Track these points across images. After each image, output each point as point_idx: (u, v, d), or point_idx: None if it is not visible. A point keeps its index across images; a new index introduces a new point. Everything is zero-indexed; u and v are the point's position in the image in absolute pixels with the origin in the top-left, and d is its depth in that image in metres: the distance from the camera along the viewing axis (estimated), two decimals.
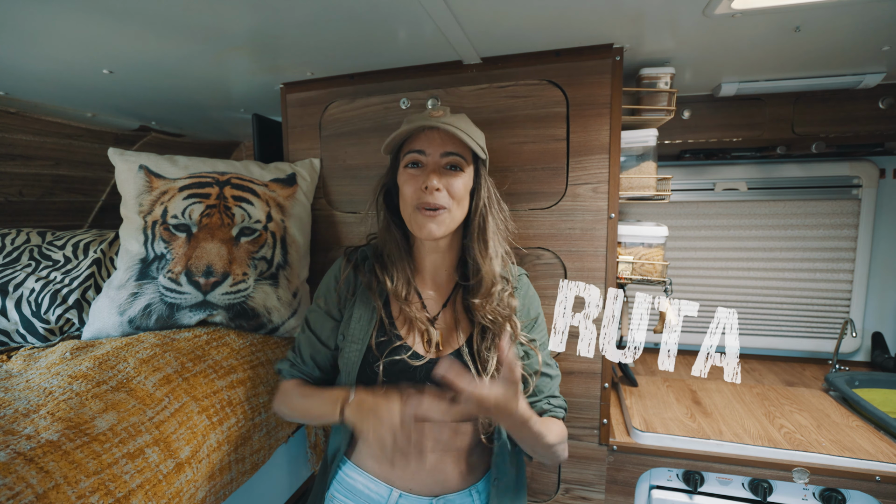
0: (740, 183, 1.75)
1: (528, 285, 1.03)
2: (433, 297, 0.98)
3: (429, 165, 0.89)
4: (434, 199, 0.86)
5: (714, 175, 1.76)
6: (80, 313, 1.26)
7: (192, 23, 0.97)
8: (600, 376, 1.21)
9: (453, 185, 0.88)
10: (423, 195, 0.86)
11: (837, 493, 1.08)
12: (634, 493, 1.23)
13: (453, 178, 0.89)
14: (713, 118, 1.58)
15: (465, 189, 0.90)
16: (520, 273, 1.03)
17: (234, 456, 1.02)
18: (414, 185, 0.89)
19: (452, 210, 0.89)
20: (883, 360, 1.65)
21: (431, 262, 0.97)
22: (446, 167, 0.89)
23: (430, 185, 0.86)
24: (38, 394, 0.85)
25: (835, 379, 1.45)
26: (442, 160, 0.89)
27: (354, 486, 0.93)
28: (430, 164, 0.89)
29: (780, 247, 1.75)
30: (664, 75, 1.25)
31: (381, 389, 0.84)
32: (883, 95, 1.44)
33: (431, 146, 0.89)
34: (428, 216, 0.87)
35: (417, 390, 0.84)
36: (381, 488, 0.91)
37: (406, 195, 0.90)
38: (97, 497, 0.71)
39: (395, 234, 0.96)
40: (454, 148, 0.89)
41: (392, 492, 0.90)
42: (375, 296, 0.94)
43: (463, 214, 0.92)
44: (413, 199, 0.88)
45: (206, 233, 1.18)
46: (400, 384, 0.88)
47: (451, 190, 0.88)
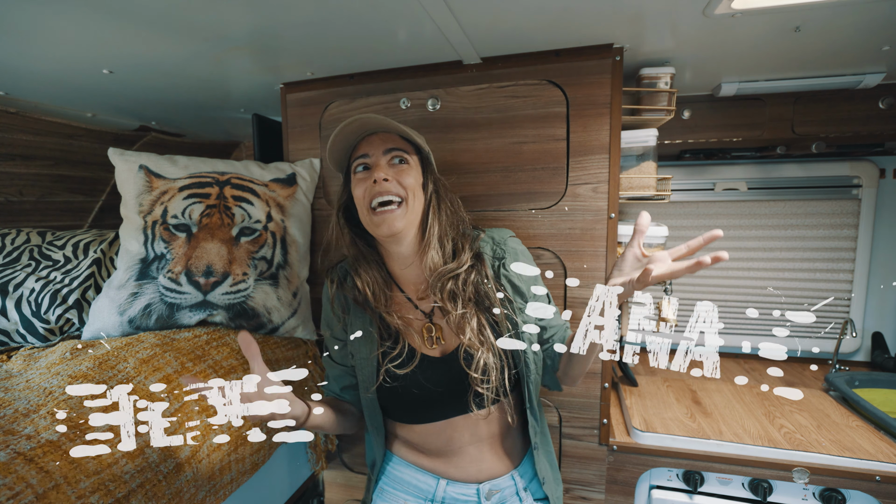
0: (740, 183, 1.75)
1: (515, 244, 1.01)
2: (422, 297, 0.98)
3: (374, 164, 0.92)
4: (385, 189, 0.88)
5: (714, 175, 1.76)
6: (80, 313, 1.26)
7: (192, 23, 0.97)
8: (600, 376, 1.21)
9: (402, 176, 0.90)
10: (373, 189, 0.88)
11: (837, 493, 1.08)
12: (634, 493, 1.23)
13: (401, 170, 0.91)
14: (713, 118, 1.58)
15: (415, 181, 0.92)
16: (505, 237, 1.01)
17: (234, 456, 1.02)
18: (364, 184, 0.91)
19: (409, 201, 0.90)
20: (883, 360, 1.65)
21: (401, 257, 0.97)
22: (393, 161, 0.92)
23: (378, 176, 0.88)
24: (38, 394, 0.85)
25: (835, 379, 1.45)
26: (386, 156, 0.92)
27: (402, 478, 0.99)
28: (375, 162, 0.92)
29: (780, 247, 1.75)
30: (664, 75, 1.25)
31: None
32: (883, 95, 1.44)
33: (373, 147, 0.92)
34: (383, 214, 0.88)
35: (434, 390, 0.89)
36: (428, 478, 0.96)
37: (359, 197, 0.91)
38: (97, 497, 0.71)
39: (360, 246, 0.98)
40: (395, 144, 0.93)
41: (440, 481, 0.95)
42: (369, 309, 0.95)
43: (421, 206, 0.93)
44: (366, 198, 0.90)
45: (206, 233, 1.18)
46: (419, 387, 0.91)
47: (400, 180, 0.90)
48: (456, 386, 0.90)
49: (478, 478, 0.94)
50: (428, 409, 0.93)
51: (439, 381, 0.91)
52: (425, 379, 0.90)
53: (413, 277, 0.98)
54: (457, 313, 0.89)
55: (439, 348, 0.93)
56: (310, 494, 1.51)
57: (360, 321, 0.97)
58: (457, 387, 0.90)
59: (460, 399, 0.90)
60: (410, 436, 0.97)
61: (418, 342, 0.93)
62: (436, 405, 0.92)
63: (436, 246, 0.93)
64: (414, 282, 0.99)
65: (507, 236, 1.02)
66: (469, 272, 0.93)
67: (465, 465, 0.94)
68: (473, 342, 0.88)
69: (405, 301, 0.98)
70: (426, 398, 0.91)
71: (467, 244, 0.96)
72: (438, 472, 0.96)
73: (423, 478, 0.96)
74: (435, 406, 0.92)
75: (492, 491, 0.94)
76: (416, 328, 0.95)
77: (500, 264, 0.97)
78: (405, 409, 0.95)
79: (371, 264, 0.97)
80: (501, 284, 0.95)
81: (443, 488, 0.94)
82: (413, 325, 0.94)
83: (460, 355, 0.90)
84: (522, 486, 0.97)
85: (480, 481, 0.94)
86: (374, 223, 0.90)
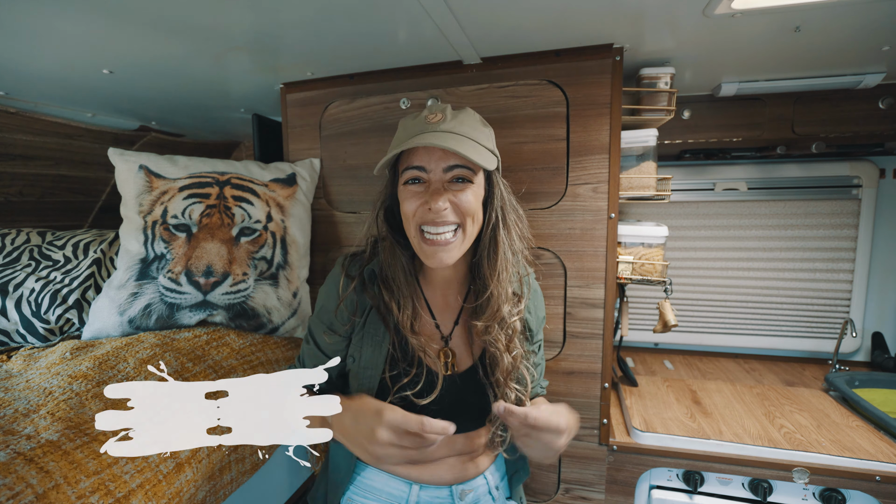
0: (740, 183, 1.75)
1: (536, 286, 0.99)
2: (445, 313, 0.93)
3: (432, 183, 0.80)
4: (441, 219, 0.78)
5: (714, 175, 1.76)
6: (80, 313, 1.26)
7: (192, 23, 0.97)
8: (600, 376, 1.21)
9: (462, 201, 0.79)
10: (427, 215, 0.78)
11: (837, 493, 1.08)
12: (634, 493, 1.23)
13: (461, 192, 0.79)
14: (713, 118, 1.58)
15: (476, 201, 0.81)
16: (527, 273, 0.96)
17: (234, 456, 1.02)
18: (415, 202, 0.80)
19: (466, 227, 0.80)
20: (883, 360, 1.65)
21: (442, 278, 0.91)
22: (452, 181, 0.80)
23: (435, 207, 0.77)
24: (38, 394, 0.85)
25: (835, 379, 1.45)
26: (446, 175, 0.79)
27: (373, 486, 0.93)
28: (432, 181, 0.80)
29: (780, 247, 1.75)
30: (664, 75, 1.25)
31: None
32: (883, 95, 1.44)
33: (432, 161, 0.79)
34: (436, 245, 0.79)
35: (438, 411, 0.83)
36: (401, 485, 0.91)
37: (407, 213, 0.81)
38: (97, 497, 0.71)
39: (401, 258, 0.87)
40: (458, 160, 0.78)
41: (412, 486, 0.91)
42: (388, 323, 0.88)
43: (477, 229, 0.83)
44: (416, 219, 0.80)
45: (206, 233, 1.18)
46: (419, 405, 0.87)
47: (460, 206, 0.79)
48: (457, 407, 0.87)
49: (451, 480, 0.91)
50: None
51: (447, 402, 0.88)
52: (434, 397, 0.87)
53: (443, 284, 0.92)
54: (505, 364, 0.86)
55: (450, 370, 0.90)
56: None
57: (373, 330, 0.89)
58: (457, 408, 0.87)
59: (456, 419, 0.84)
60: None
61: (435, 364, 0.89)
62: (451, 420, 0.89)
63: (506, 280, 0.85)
64: (443, 289, 0.93)
65: (531, 272, 0.98)
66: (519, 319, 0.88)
67: (441, 471, 0.91)
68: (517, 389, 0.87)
69: (429, 322, 0.92)
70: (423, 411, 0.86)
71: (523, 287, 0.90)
72: (411, 478, 0.91)
73: (396, 484, 0.91)
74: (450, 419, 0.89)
75: (465, 491, 0.92)
76: (433, 348, 0.90)
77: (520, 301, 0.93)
78: None
79: (409, 279, 0.88)
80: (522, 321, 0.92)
81: (416, 493, 0.90)
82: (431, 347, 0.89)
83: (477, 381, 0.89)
84: (494, 484, 0.96)
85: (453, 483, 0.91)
86: (423, 252, 0.81)
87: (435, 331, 0.92)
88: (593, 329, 1.20)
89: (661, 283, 1.29)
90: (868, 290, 1.71)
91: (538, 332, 0.98)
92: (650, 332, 1.89)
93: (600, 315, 1.19)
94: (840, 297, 1.73)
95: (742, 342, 1.82)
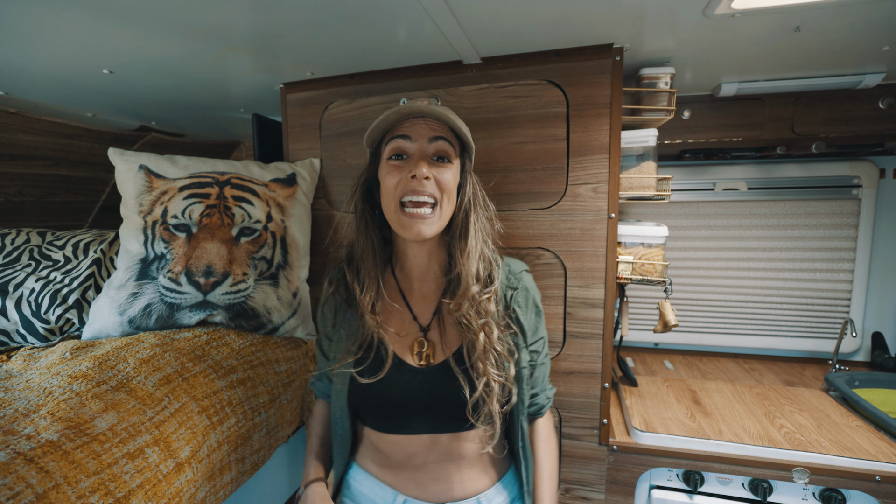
0: (740, 183, 1.75)
1: (529, 282, 0.95)
2: (422, 304, 0.91)
3: (415, 154, 0.82)
4: (423, 188, 0.79)
5: (714, 175, 1.76)
6: (80, 313, 1.26)
7: (192, 23, 0.97)
8: (600, 376, 1.21)
9: (442, 176, 0.81)
10: (409, 184, 0.79)
11: (837, 493, 1.08)
12: (634, 493, 1.23)
13: (442, 168, 0.82)
14: (713, 118, 1.58)
15: (454, 182, 0.84)
16: (520, 270, 0.95)
17: (234, 456, 1.02)
18: (398, 175, 0.81)
19: (443, 205, 0.82)
20: (883, 360, 1.65)
21: (417, 266, 0.90)
22: (434, 158, 0.83)
23: (419, 173, 0.78)
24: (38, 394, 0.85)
25: (835, 379, 1.45)
26: (430, 146, 0.82)
27: (361, 490, 0.91)
28: (416, 151, 0.82)
29: (780, 247, 1.75)
30: (664, 75, 1.25)
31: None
32: (883, 95, 1.44)
33: (417, 132, 0.82)
34: (415, 217, 0.80)
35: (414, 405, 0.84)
36: (385, 493, 0.88)
37: (388, 187, 0.82)
38: (97, 497, 0.71)
39: (373, 237, 0.89)
40: (442, 132, 0.83)
41: (397, 496, 0.87)
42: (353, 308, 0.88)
43: (451, 210, 0.86)
44: (397, 192, 0.81)
45: (206, 233, 1.18)
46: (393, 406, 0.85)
47: (440, 181, 0.81)
48: (438, 403, 0.83)
49: (438, 497, 0.86)
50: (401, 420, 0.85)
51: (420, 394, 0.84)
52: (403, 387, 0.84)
53: (419, 273, 0.91)
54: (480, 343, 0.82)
55: (425, 363, 0.87)
56: None
57: (344, 328, 0.91)
58: (439, 404, 0.83)
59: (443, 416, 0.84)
60: (379, 444, 0.89)
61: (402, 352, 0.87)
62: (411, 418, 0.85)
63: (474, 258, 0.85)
64: (419, 278, 0.92)
65: (522, 269, 0.96)
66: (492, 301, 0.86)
67: (426, 482, 0.86)
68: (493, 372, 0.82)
69: (403, 310, 0.91)
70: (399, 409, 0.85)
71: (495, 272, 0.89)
72: (397, 487, 0.88)
73: (381, 492, 0.88)
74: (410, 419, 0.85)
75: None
76: (407, 340, 0.88)
77: (511, 294, 0.91)
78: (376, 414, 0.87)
79: (377, 260, 0.89)
80: (509, 316, 0.89)
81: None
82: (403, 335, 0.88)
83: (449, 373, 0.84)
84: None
85: (441, 502, 0.86)
86: (401, 224, 0.81)
87: (412, 322, 0.89)
88: (593, 329, 1.20)
89: (661, 283, 1.29)
90: (868, 290, 1.71)
91: (533, 332, 0.92)
92: (650, 332, 1.89)
93: (600, 315, 1.19)
94: (840, 297, 1.73)
95: (742, 342, 1.82)
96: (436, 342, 0.88)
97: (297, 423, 1.29)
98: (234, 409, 1.03)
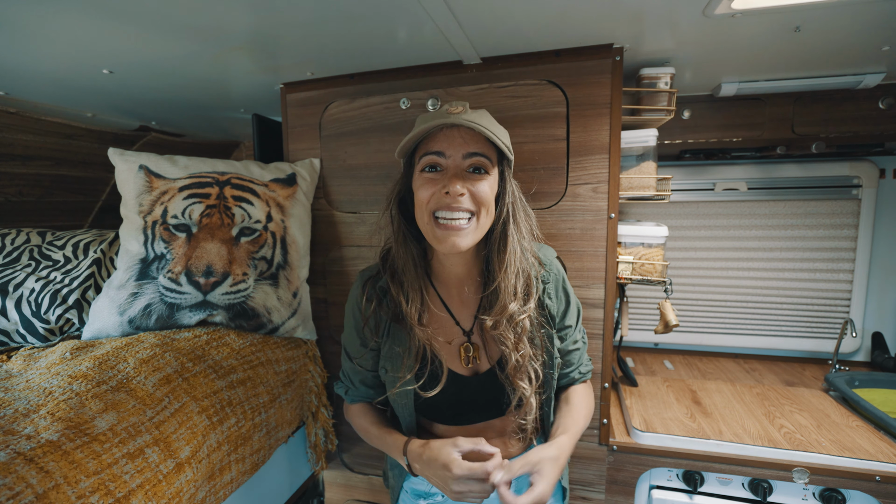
0: (740, 183, 1.75)
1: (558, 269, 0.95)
2: (462, 310, 0.93)
3: (449, 169, 0.80)
4: (457, 204, 0.78)
5: (714, 175, 1.76)
6: (80, 313, 1.26)
7: (192, 23, 0.97)
8: (600, 376, 1.21)
9: (479, 189, 0.79)
10: (443, 199, 0.78)
11: (837, 493, 1.08)
12: (634, 493, 1.23)
13: (478, 181, 0.80)
14: (713, 118, 1.58)
15: (491, 193, 0.82)
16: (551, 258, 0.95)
17: (234, 456, 1.02)
18: (431, 188, 0.79)
19: (480, 217, 0.81)
20: (883, 360, 1.65)
21: (455, 274, 0.91)
22: (469, 170, 0.80)
23: (453, 191, 0.77)
24: (38, 394, 0.85)
25: (835, 379, 1.45)
26: (464, 162, 0.80)
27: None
28: (450, 167, 0.80)
29: (780, 247, 1.75)
30: (664, 75, 1.25)
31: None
32: (883, 95, 1.44)
33: (452, 147, 0.79)
34: (449, 229, 0.79)
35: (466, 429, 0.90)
36: None
37: (422, 200, 0.81)
38: (97, 497, 0.71)
39: (412, 249, 0.88)
40: (478, 147, 0.80)
41: None
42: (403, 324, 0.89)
43: (489, 220, 0.84)
44: (430, 205, 0.80)
45: (206, 233, 1.18)
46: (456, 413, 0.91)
47: (476, 194, 0.79)
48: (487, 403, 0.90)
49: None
50: (454, 416, 0.92)
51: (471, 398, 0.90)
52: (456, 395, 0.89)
53: (457, 281, 0.92)
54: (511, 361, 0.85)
55: (473, 367, 0.90)
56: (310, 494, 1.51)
57: (396, 340, 0.91)
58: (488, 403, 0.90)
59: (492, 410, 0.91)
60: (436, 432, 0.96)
61: (451, 360, 0.90)
62: (466, 415, 0.92)
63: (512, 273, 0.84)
64: (458, 286, 0.92)
65: (552, 256, 0.96)
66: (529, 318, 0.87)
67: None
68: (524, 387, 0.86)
69: (446, 317, 0.92)
70: (455, 410, 0.91)
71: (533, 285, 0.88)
72: None
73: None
74: (465, 415, 0.92)
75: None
76: (454, 346, 0.90)
77: (544, 288, 0.91)
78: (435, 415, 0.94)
79: (418, 272, 0.88)
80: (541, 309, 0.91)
81: None
82: (450, 342, 0.90)
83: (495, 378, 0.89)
84: None
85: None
86: (435, 237, 0.80)
87: (455, 327, 0.92)
88: (593, 329, 1.20)
89: (661, 284, 1.29)
90: (868, 290, 1.71)
91: (562, 318, 0.93)
92: (650, 332, 1.89)
93: (600, 315, 1.19)
94: (840, 297, 1.73)
95: (742, 342, 1.82)
96: (479, 345, 0.91)
97: (297, 423, 1.29)
98: (234, 409, 1.03)
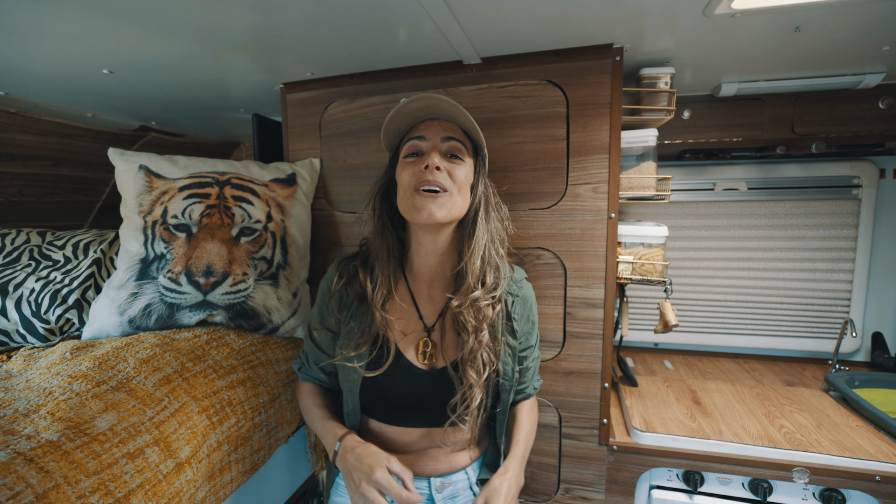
0: (740, 183, 1.75)
1: (528, 292, 1.01)
2: (429, 306, 0.96)
3: (429, 150, 0.88)
4: (434, 178, 0.84)
5: (714, 175, 1.76)
6: (80, 313, 1.26)
7: (192, 23, 0.97)
8: (600, 376, 1.21)
9: (455, 170, 0.87)
10: (423, 174, 0.84)
11: (837, 493, 1.08)
12: (634, 493, 1.23)
13: (455, 165, 0.88)
14: (713, 118, 1.58)
15: (466, 178, 0.89)
16: (522, 278, 1.01)
17: (234, 456, 1.02)
18: (413, 169, 0.87)
19: (454, 195, 0.86)
20: (883, 360, 1.65)
21: (429, 266, 0.95)
22: (447, 155, 0.89)
23: (431, 163, 0.84)
24: (38, 394, 0.85)
25: (835, 379, 1.45)
26: (443, 145, 0.89)
27: None
28: (430, 148, 0.88)
29: (780, 247, 1.75)
30: (664, 75, 1.25)
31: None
32: (883, 95, 1.44)
33: (431, 132, 0.89)
34: (427, 196, 0.84)
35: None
36: None
37: (404, 180, 0.87)
38: (97, 497, 0.71)
39: (389, 238, 0.94)
40: (455, 134, 0.90)
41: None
42: (364, 305, 0.92)
43: (465, 204, 0.90)
44: (412, 182, 0.86)
45: (206, 233, 1.18)
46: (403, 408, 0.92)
47: (452, 173, 0.86)
48: (436, 403, 0.90)
49: (431, 473, 0.94)
50: (403, 414, 0.92)
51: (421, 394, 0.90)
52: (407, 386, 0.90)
53: (429, 276, 0.96)
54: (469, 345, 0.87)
55: (429, 363, 0.92)
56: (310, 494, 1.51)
57: (355, 322, 0.94)
58: (436, 404, 0.89)
59: (438, 413, 0.90)
60: (381, 434, 0.96)
61: (407, 351, 0.92)
62: (412, 413, 0.92)
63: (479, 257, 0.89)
64: (429, 281, 0.96)
65: (523, 277, 1.02)
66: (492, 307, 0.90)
67: (422, 464, 0.94)
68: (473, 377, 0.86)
69: (410, 309, 0.95)
70: (402, 405, 0.91)
71: (500, 277, 0.93)
72: None
73: None
74: (411, 413, 0.92)
75: (443, 484, 0.94)
76: (410, 338, 0.93)
77: (512, 301, 0.96)
78: (382, 409, 0.94)
79: (390, 259, 0.93)
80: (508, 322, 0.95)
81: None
82: (407, 334, 0.92)
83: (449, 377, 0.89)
84: (475, 479, 0.97)
85: (432, 475, 0.94)
86: (414, 206, 0.85)
87: (417, 322, 0.94)
88: (593, 329, 1.20)
89: (661, 283, 1.29)
90: (868, 290, 1.71)
91: (526, 338, 0.99)
92: (650, 332, 1.89)
93: (600, 315, 1.19)
94: (840, 297, 1.73)
95: (742, 342, 1.82)
96: (438, 343, 0.93)
97: (298, 423, 1.29)
98: (234, 409, 1.03)
